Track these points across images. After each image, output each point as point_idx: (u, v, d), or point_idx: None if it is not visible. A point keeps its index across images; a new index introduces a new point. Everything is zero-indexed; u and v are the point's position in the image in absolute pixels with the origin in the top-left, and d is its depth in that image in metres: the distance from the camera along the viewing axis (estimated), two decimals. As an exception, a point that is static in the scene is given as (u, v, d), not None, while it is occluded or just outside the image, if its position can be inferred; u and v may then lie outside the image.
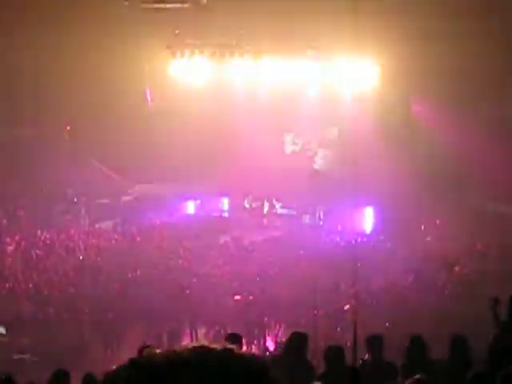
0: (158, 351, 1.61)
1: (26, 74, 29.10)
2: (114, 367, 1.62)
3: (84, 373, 9.37)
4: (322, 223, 29.40)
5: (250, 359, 1.58)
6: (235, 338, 9.40)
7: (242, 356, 1.58)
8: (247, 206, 31.04)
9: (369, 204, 28.37)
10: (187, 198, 31.64)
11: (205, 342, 1.61)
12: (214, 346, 1.59)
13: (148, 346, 8.50)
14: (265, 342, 21.11)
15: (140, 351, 8.41)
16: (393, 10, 23.81)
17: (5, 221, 28.12)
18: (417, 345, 8.42)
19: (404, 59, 24.94)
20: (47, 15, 27.60)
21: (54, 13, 27.52)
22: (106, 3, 27.91)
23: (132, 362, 1.59)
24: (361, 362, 8.74)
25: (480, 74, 24.56)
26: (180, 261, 25.86)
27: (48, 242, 27.14)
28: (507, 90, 24.74)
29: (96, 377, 8.85)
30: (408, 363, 8.16)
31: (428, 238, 26.08)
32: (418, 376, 6.31)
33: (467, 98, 25.55)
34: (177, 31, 28.54)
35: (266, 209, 30.69)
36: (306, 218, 29.89)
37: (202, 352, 1.57)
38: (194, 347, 1.59)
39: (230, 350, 1.58)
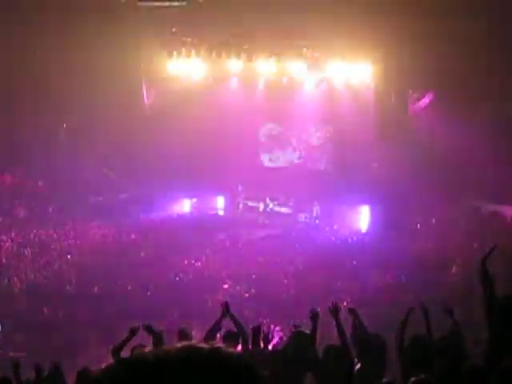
0: (146, 349, 1.61)
1: (26, 71, 29.10)
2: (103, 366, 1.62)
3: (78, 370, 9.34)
4: (317, 222, 29.41)
5: (237, 358, 1.58)
6: (232, 337, 9.50)
7: (230, 355, 1.58)
8: (243, 204, 31.03)
9: (365, 203, 28.40)
10: (183, 196, 31.64)
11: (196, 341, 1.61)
12: (201, 344, 1.59)
13: (141, 345, 8.50)
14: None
15: (132, 352, 8.40)
16: (389, 10, 23.80)
17: (0, 218, 28.10)
18: (416, 344, 8.42)
19: (401, 59, 24.93)
20: (43, 14, 27.56)
21: (51, 12, 27.48)
22: (103, 1, 27.88)
23: (120, 360, 1.59)
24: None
25: (479, 73, 24.57)
26: (176, 259, 25.87)
27: (44, 239, 27.14)
28: (505, 90, 24.75)
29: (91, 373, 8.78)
30: (407, 363, 8.16)
31: (424, 238, 26.07)
32: (421, 376, 6.30)
33: (464, 98, 25.55)
34: (174, 29, 28.48)
35: (261, 207, 30.69)
36: (302, 217, 29.88)
37: (189, 351, 1.57)
38: (182, 346, 1.59)
39: (218, 348, 1.58)
